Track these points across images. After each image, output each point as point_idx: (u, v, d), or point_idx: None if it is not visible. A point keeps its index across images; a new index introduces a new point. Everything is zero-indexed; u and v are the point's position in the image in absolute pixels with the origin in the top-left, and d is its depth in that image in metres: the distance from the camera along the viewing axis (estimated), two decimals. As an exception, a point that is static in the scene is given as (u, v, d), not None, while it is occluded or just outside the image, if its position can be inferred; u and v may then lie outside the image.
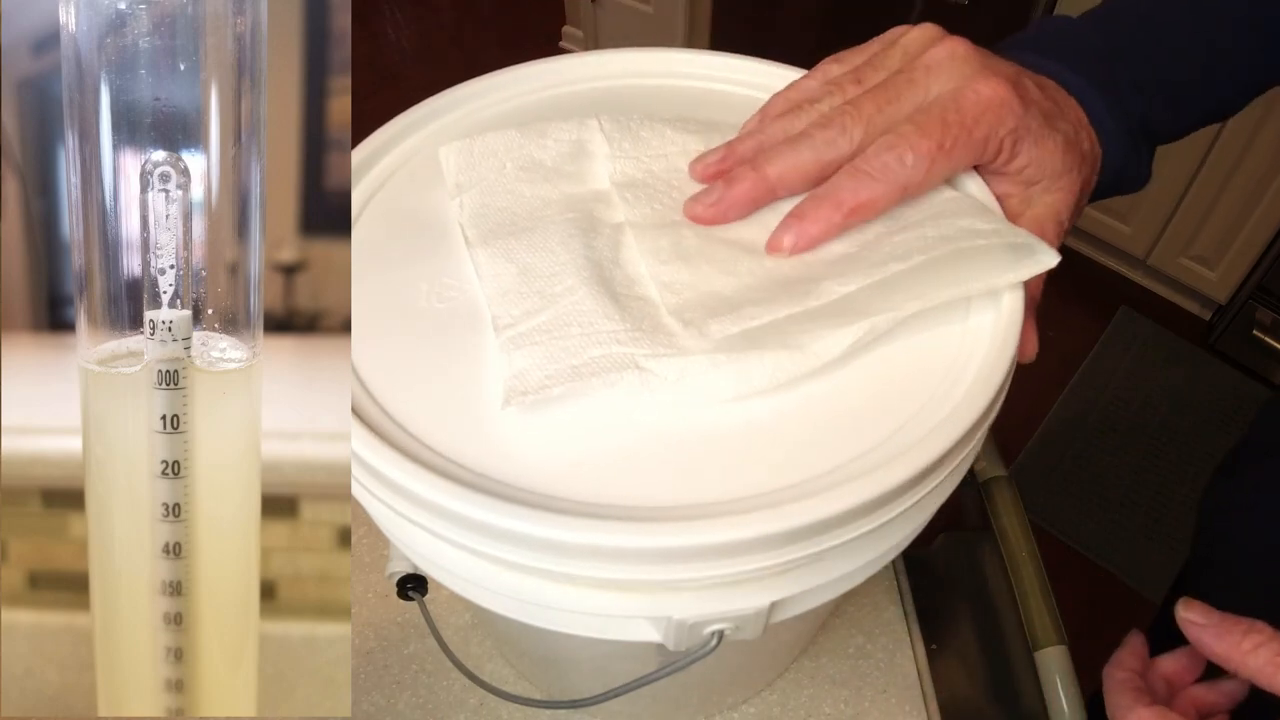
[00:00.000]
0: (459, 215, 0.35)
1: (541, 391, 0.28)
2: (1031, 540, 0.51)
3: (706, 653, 0.29)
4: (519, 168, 0.36)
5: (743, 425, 0.29)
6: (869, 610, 0.54)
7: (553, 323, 0.30)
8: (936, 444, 0.27)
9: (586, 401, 0.29)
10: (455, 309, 0.32)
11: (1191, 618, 0.35)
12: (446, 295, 0.33)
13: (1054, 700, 0.46)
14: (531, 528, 0.25)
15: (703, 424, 0.29)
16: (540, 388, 0.28)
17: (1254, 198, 1.46)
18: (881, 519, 0.27)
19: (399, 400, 0.30)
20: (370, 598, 0.55)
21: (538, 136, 0.37)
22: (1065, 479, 1.51)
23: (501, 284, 0.32)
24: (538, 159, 0.36)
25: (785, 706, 0.50)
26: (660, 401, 0.29)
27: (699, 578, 0.26)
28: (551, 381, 0.29)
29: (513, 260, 0.32)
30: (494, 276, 0.32)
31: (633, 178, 0.35)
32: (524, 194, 0.35)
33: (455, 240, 0.35)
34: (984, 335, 0.31)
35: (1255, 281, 1.51)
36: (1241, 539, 0.54)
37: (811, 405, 0.29)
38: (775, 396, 0.30)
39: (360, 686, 0.51)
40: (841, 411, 0.29)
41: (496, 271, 0.32)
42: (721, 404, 0.29)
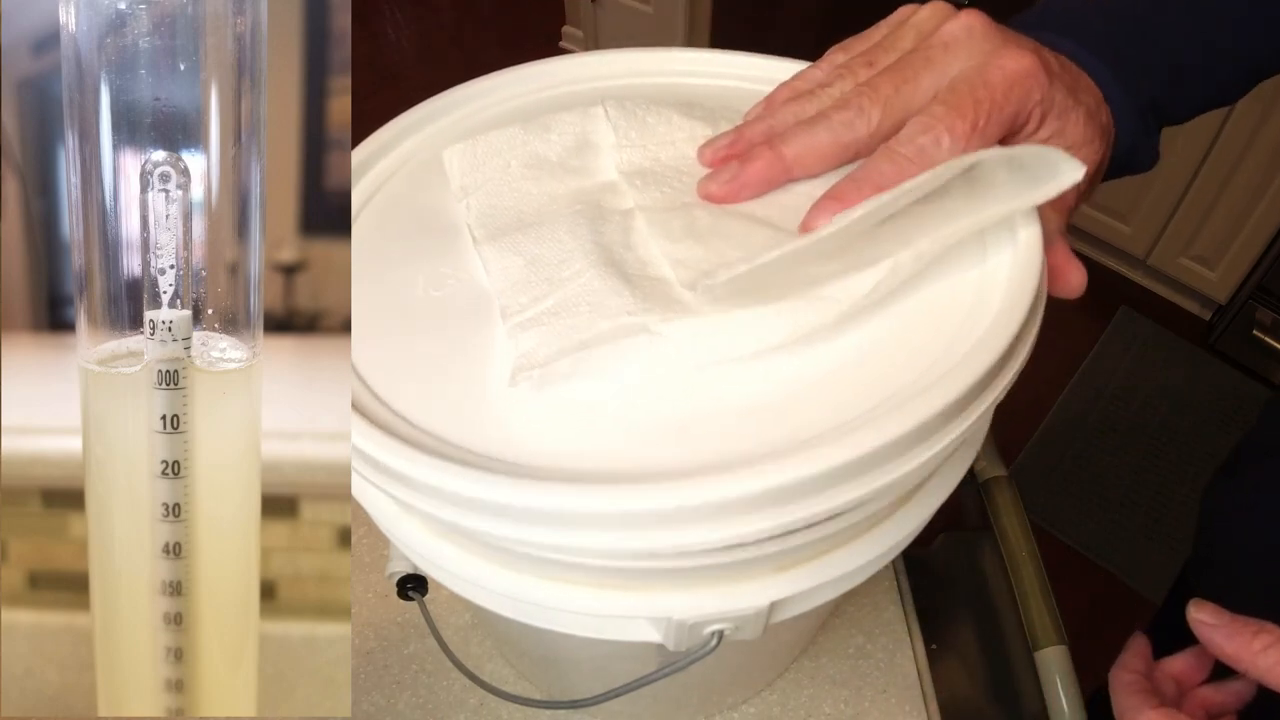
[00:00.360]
0: (466, 217, 0.34)
1: (549, 365, 0.28)
2: (1031, 540, 0.51)
3: (706, 653, 0.29)
4: (524, 165, 0.36)
5: (763, 389, 0.27)
6: (869, 610, 0.54)
7: (561, 305, 0.30)
8: (965, 376, 0.26)
9: (594, 380, 0.28)
10: (452, 297, 0.32)
11: (1202, 618, 0.34)
12: (444, 285, 0.32)
13: (1054, 700, 0.46)
14: (533, 498, 0.24)
15: (720, 391, 0.27)
16: (547, 361, 0.28)
17: (1254, 198, 1.46)
18: (904, 465, 0.26)
19: (396, 390, 0.29)
20: (370, 598, 0.55)
21: (541, 131, 0.37)
22: (1065, 479, 1.51)
23: (510, 276, 0.31)
24: (542, 155, 0.36)
25: (785, 706, 0.50)
26: (674, 369, 0.28)
27: (722, 539, 0.25)
28: (560, 355, 0.28)
29: (520, 253, 0.32)
30: (502, 270, 0.32)
31: (640, 166, 0.35)
32: (530, 192, 0.35)
33: (453, 237, 0.34)
34: (1003, 271, 0.30)
35: (1255, 281, 1.51)
36: (1241, 539, 0.54)
37: (833, 364, 0.28)
38: (795, 357, 0.28)
39: (360, 686, 0.51)
40: (868, 366, 0.28)
41: (504, 265, 0.32)
42: (740, 367, 0.28)
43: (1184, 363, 1.65)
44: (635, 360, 0.28)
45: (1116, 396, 1.61)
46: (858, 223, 0.27)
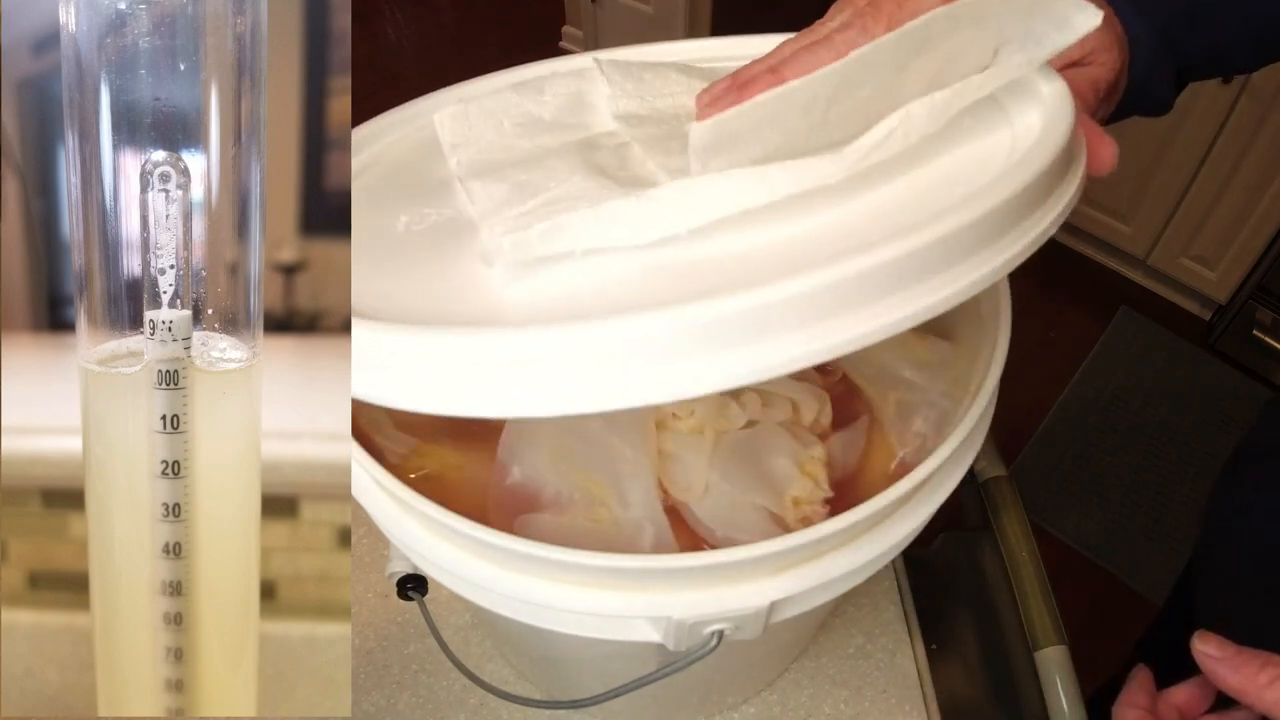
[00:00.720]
0: (456, 171, 0.33)
1: (518, 233, 0.25)
2: (1031, 540, 0.51)
3: (706, 653, 0.29)
4: (516, 124, 0.34)
5: (765, 246, 0.24)
6: (869, 610, 0.54)
7: (545, 203, 0.27)
8: (1010, 186, 0.23)
9: (575, 247, 0.25)
10: (433, 229, 0.31)
11: (1208, 650, 0.34)
12: (425, 221, 0.31)
13: (1054, 700, 0.46)
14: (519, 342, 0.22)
15: (718, 250, 0.25)
16: (517, 229, 0.25)
17: (1254, 198, 1.46)
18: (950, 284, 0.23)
19: (381, 305, 0.27)
20: (370, 598, 0.55)
21: (535, 94, 0.35)
22: (1065, 479, 1.50)
23: (495, 198, 0.29)
24: (535, 114, 0.34)
25: (785, 706, 0.50)
26: (666, 232, 0.25)
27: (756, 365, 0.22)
28: (534, 219, 0.25)
29: (506, 180, 0.30)
30: (487, 195, 0.29)
31: (636, 113, 0.33)
32: (523, 146, 0.33)
33: (440, 187, 0.33)
34: (1033, 134, 0.26)
35: (1255, 281, 1.51)
36: (1241, 539, 0.54)
37: (846, 222, 0.25)
38: (803, 215, 0.25)
39: (360, 686, 0.51)
40: (887, 219, 0.25)
41: (490, 191, 0.30)
42: (739, 228, 0.24)
43: (1184, 363, 1.65)
44: (621, 222, 0.25)
45: (1116, 396, 1.61)
46: (855, 62, 0.25)
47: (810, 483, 0.32)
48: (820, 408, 0.35)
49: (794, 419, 0.35)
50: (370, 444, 0.33)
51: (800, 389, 0.34)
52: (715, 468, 0.32)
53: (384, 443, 0.34)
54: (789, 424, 0.34)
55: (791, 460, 0.33)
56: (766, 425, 0.34)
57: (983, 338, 0.34)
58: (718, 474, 0.32)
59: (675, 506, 0.32)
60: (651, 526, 0.31)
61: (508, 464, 0.33)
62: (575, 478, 0.32)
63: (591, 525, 0.31)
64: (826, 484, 0.33)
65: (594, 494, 0.32)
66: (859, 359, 0.36)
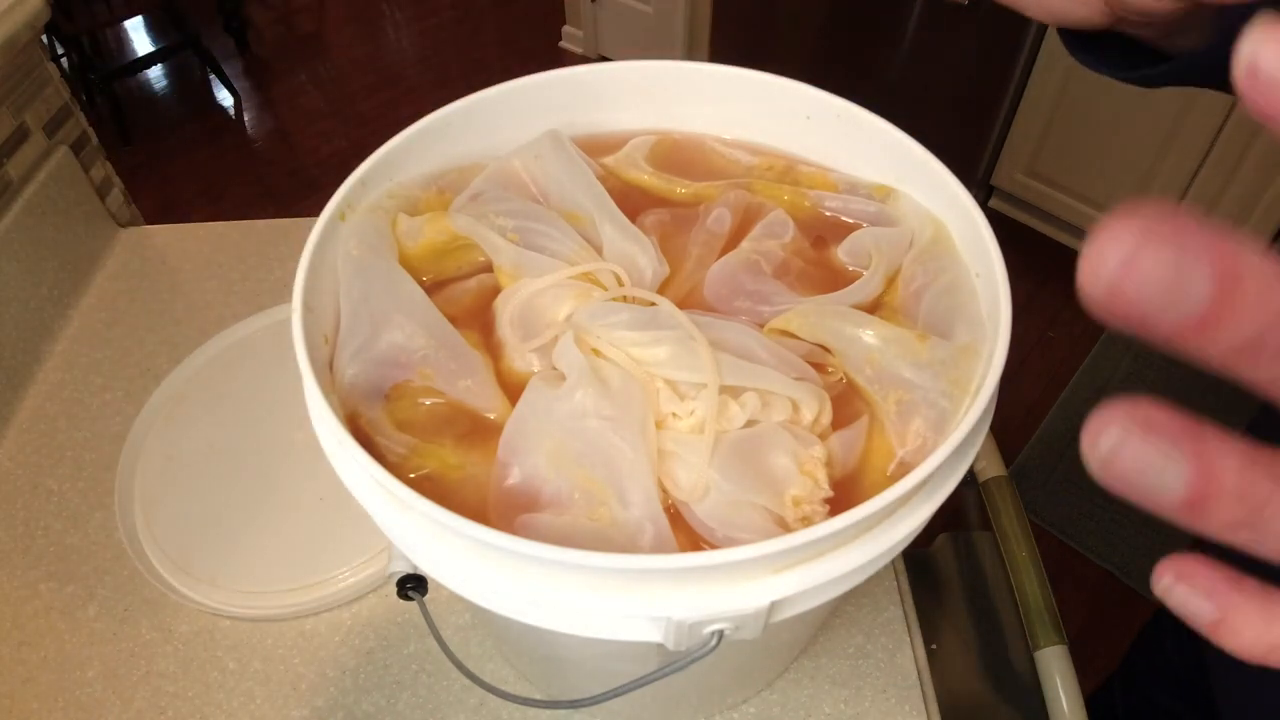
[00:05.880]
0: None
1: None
2: (1031, 540, 0.51)
3: (706, 653, 0.29)
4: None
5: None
6: (869, 610, 0.54)
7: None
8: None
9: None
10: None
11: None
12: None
13: (1054, 700, 0.46)
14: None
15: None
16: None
17: (1254, 198, 1.46)
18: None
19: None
20: (370, 597, 0.55)
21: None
22: (1065, 479, 1.50)
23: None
24: None
25: (785, 706, 0.50)
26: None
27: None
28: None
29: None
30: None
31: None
32: None
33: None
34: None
35: (1255, 281, 1.51)
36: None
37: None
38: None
39: (360, 686, 0.51)
40: None
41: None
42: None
43: (1184, 363, 1.65)
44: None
45: (1116, 397, 1.61)
46: None
47: (810, 482, 0.32)
48: (820, 408, 0.35)
49: (794, 419, 0.34)
50: (370, 444, 0.33)
51: (800, 389, 0.34)
52: (715, 467, 0.32)
53: (384, 443, 0.34)
54: (789, 424, 0.34)
55: (792, 460, 0.33)
56: (766, 425, 0.34)
57: (983, 338, 0.34)
58: (718, 474, 0.32)
59: (675, 506, 0.32)
60: (651, 526, 0.31)
61: (508, 464, 0.33)
62: (575, 478, 0.32)
63: (591, 525, 0.31)
64: (826, 484, 0.33)
65: (594, 494, 0.32)
66: (859, 359, 0.36)
